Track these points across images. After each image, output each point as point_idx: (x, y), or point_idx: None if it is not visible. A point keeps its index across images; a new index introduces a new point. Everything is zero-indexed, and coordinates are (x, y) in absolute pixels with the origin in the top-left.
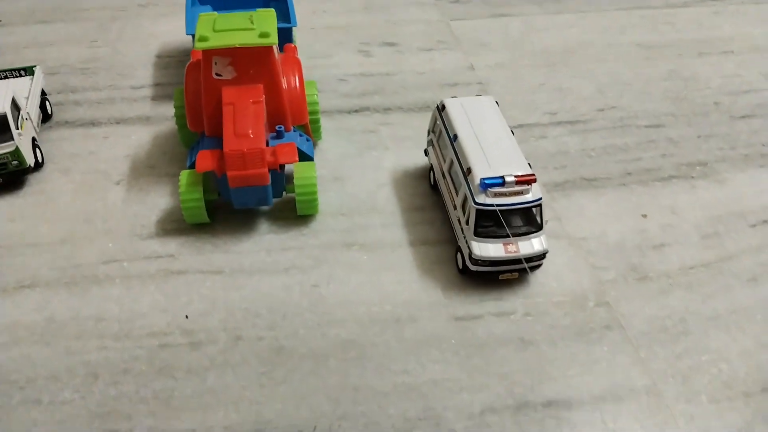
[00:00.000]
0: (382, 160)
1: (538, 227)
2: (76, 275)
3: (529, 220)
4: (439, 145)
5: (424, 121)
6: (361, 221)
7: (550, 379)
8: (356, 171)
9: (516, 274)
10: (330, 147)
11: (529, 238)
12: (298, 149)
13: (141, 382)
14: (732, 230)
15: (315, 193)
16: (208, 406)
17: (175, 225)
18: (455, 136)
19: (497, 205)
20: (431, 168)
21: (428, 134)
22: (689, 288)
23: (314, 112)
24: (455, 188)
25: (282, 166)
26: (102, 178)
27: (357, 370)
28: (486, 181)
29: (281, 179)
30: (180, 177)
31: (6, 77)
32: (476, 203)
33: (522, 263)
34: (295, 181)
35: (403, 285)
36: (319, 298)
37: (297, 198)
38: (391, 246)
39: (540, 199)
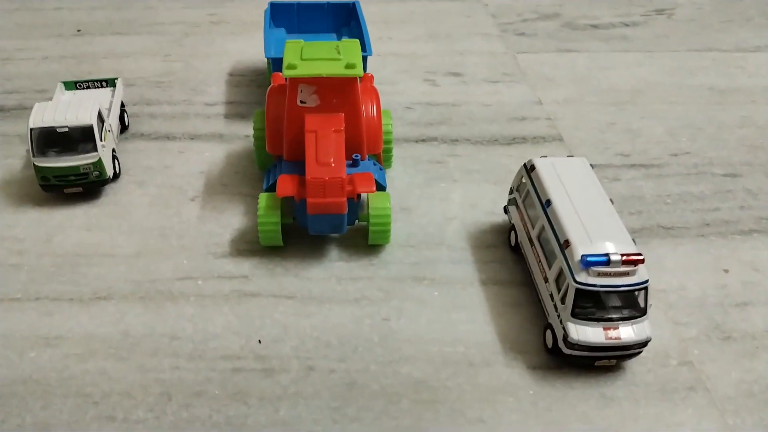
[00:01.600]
0: (450, 192)
1: (642, 312)
2: (151, 290)
3: (632, 303)
4: (524, 207)
5: (491, 155)
6: (430, 255)
7: None
8: (424, 202)
9: (614, 361)
10: (397, 175)
11: (631, 324)
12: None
13: (214, 407)
14: None
15: (389, 224)
16: None
17: (249, 246)
18: (548, 202)
19: (600, 286)
20: (512, 228)
21: (510, 192)
22: None
23: (388, 141)
24: (546, 258)
25: (358, 195)
26: (177, 193)
27: (430, 414)
28: (588, 259)
29: (356, 207)
30: (259, 199)
31: (88, 87)
32: (576, 282)
33: (621, 350)
34: (370, 211)
35: (476, 326)
36: (390, 333)
37: (371, 228)
38: (462, 283)
39: (647, 281)
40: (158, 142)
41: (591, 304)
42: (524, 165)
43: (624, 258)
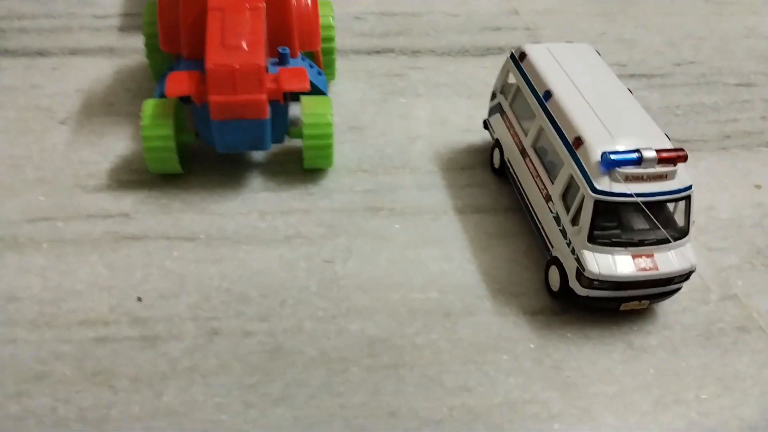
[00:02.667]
0: (412, 107)
1: (682, 232)
2: None
3: (669, 220)
4: (513, 111)
5: (462, 66)
6: (388, 181)
7: (677, 403)
8: (380, 119)
9: (646, 303)
10: (345, 90)
11: (669, 249)
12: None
13: (61, 395)
14: None
15: (330, 138)
16: None
17: (135, 176)
18: (548, 94)
19: (629, 196)
20: (496, 145)
21: (492, 97)
22: None
23: (329, 39)
24: (547, 171)
25: (286, 98)
26: (43, 116)
27: (392, 385)
28: (612, 157)
29: (283, 117)
30: (143, 108)
31: None
32: (595, 191)
33: (657, 286)
34: (304, 119)
35: (453, 265)
36: (334, 279)
37: (305, 143)
38: (433, 213)
39: (690, 188)
40: (26, 59)
41: (615, 223)
42: (511, 55)
43: (661, 155)
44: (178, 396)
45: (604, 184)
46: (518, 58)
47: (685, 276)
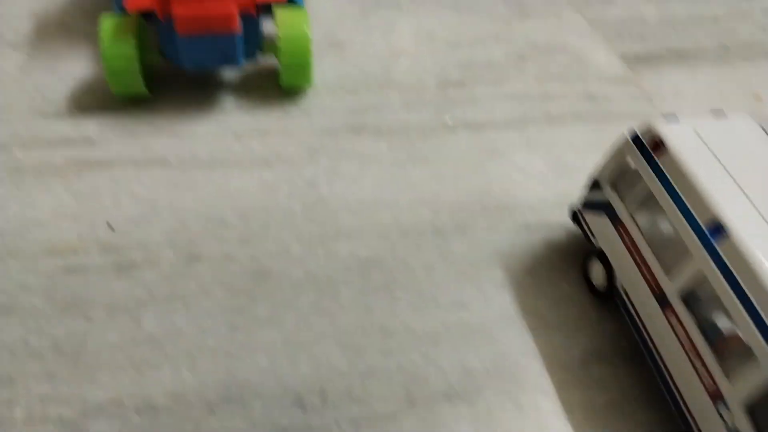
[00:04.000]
0: (396, 22)
1: None
2: None
3: None
4: (639, 227)
5: None
6: (372, 100)
7: None
8: (361, 35)
9: None
10: (321, 5)
11: None
12: None
13: (33, 326)
14: None
15: (308, 51)
16: (144, 363)
17: (97, 100)
18: (718, 229)
19: None
20: (597, 257)
21: (593, 185)
22: None
23: None
24: (711, 345)
25: (258, 10)
26: None
27: (384, 303)
28: None
29: (256, 30)
30: (100, 25)
31: None
32: None
33: None
34: (279, 33)
35: (444, 182)
36: (319, 201)
37: (282, 60)
38: (421, 131)
39: None
40: None
41: None
42: (634, 138)
43: None
44: (159, 323)
45: None
46: (650, 147)
47: None
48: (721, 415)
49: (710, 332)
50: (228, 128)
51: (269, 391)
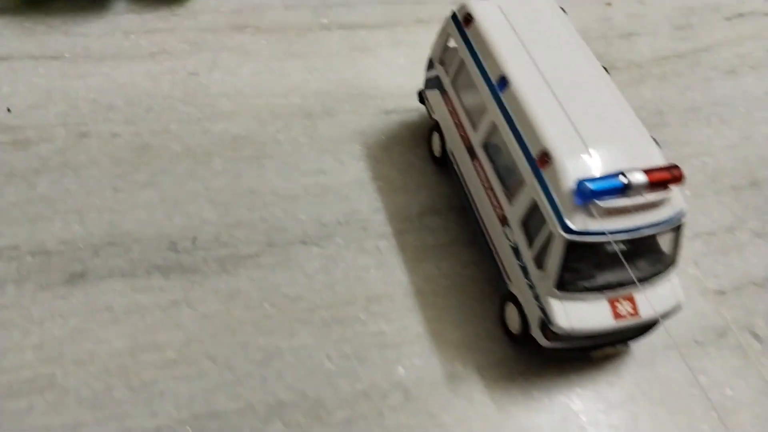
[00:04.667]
0: None
1: (669, 263)
2: None
3: (652, 248)
4: (457, 92)
5: None
6: (255, 1)
7: None
8: None
9: (623, 349)
10: None
11: (653, 284)
12: None
13: None
14: (706, 22)
15: None
16: (38, 217)
17: None
18: (503, 82)
19: (613, 233)
20: (435, 128)
21: (429, 66)
22: (663, 79)
23: None
24: (503, 182)
25: None
26: None
27: (253, 171)
28: (590, 186)
29: None
30: None
31: None
32: (568, 230)
33: (636, 332)
34: None
35: (316, 74)
36: (199, 88)
37: None
38: (299, 30)
39: (683, 213)
40: None
41: (591, 265)
42: (452, 15)
43: (652, 176)
44: (51, 186)
45: (578, 221)
46: (462, 21)
47: (672, 312)
48: (507, 236)
49: (503, 173)
50: (118, 27)
51: (147, 238)
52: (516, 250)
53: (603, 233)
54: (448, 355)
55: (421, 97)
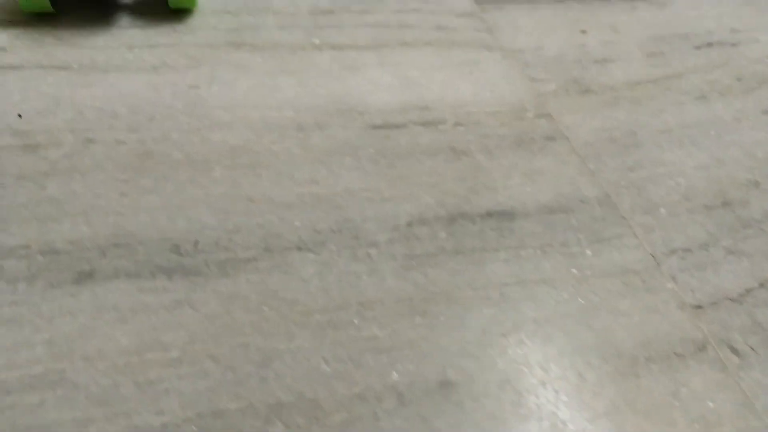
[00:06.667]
0: None
1: None
2: None
3: None
4: None
5: None
6: (251, 21)
7: (487, 189)
8: None
9: None
10: None
11: None
12: None
13: None
14: (677, 50)
15: None
16: (47, 218)
17: (6, 15)
18: None
19: None
20: None
21: None
22: (637, 102)
23: None
24: None
25: None
26: None
27: (250, 179)
28: None
29: None
30: None
31: None
32: None
33: None
34: None
35: (308, 90)
36: (198, 100)
37: None
38: (291, 48)
39: None
40: None
41: None
42: None
43: None
44: (60, 188)
45: None
46: None
47: None
48: None
49: None
50: (123, 41)
51: (151, 240)
52: None
53: None
54: (440, 362)
55: None
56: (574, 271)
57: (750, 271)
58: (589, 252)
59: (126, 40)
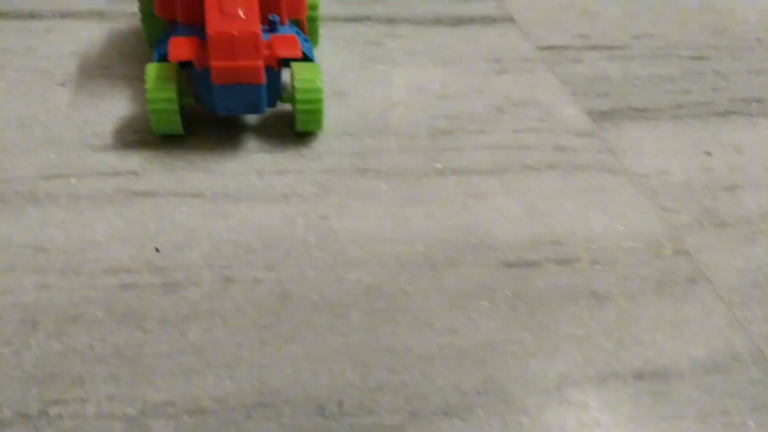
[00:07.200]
0: (391, 75)
1: None
2: (7, 192)
3: None
4: None
5: (436, 36)
6: (373, 144)
7: (636, 344)
8: (361, 86)
9: None
10: (326, 57)
11: None
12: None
13: (96, 334)
14: None
15: (321, 102)
16: (191, 370)
17: (138, 136)
18: None
19: None
20: None
21: None
22: None
23: (313, 7)
24: None
25: (279, 65)
26: (43, 78)
27: (388, 327)
28: None
29: (276, 82)
30: (146, 71)
31: None
32: None
33: None
34: (295, 84)
35: (435, 221)
36: (330, 233)
37: (298, 107)
38: (415, 174)
39: None
40: (19, 22)
41: None
42: None
43: None
44: (202, 336)
45: None
46: None
47: None
48: None
49: None
50: (252, 166)
51: (295, 399)
52: None
53: None
54: None
55: None
56: None
57: None
58: (751, 423)
59: (255, 166)
